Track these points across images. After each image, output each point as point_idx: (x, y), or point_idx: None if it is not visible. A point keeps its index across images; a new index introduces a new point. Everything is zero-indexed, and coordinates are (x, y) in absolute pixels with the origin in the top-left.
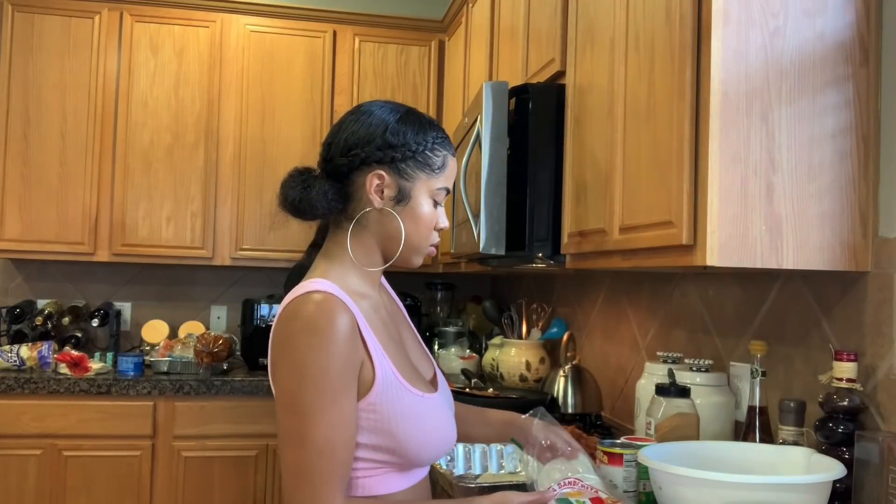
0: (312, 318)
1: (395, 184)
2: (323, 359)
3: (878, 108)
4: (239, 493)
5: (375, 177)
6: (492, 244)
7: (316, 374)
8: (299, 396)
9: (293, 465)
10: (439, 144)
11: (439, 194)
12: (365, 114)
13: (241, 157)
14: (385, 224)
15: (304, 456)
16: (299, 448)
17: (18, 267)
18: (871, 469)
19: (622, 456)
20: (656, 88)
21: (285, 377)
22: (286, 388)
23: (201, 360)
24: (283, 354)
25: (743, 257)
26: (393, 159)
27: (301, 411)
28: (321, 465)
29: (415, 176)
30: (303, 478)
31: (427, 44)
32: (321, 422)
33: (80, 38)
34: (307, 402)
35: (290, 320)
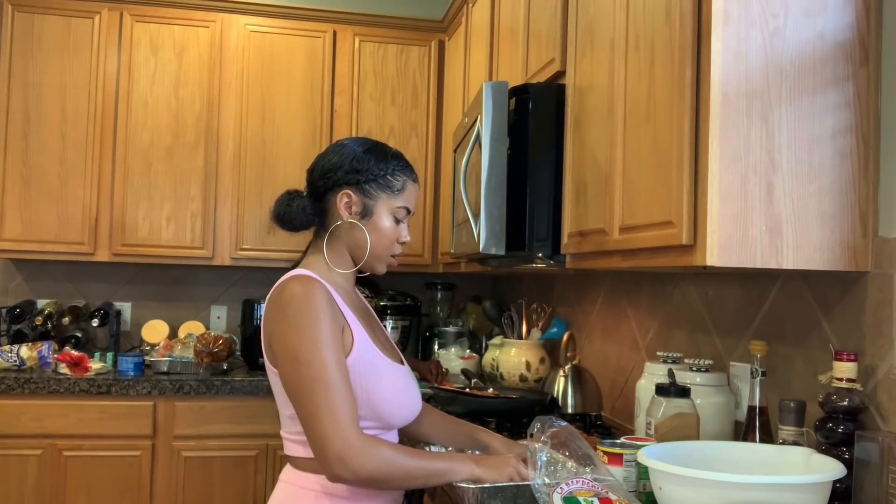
0: (298, 291)
1: (361, 201)
2: (313, 316)
3: (878, 108)
4: (239, 493)
5: (344, 195)
6: (492, 244)
7: (310, 328)
8: (301, 348)
9: (311, 406)
10: (399, 171)
11: (399, 212)
12: (340, 146)
13: (241, 158)
14: (353, 235)
15: (319, 395)
16: (311, 390)
17: (18, 267)
18: (871, 469)
19: (622, 456)
20: (656, 88)
21: (285, 337)
22: (287, 345)
23: (201, 360)
24: (279, 322)
25: (743, 257)
26: (358, 181)
27: (306, 360)
28: (334, 401)
29: (377, 196)
30: (324, 412)
31: (427, 44)
32: (325, 365)
33: (80, 38)
34: (309, 350)
35: (278, 297)
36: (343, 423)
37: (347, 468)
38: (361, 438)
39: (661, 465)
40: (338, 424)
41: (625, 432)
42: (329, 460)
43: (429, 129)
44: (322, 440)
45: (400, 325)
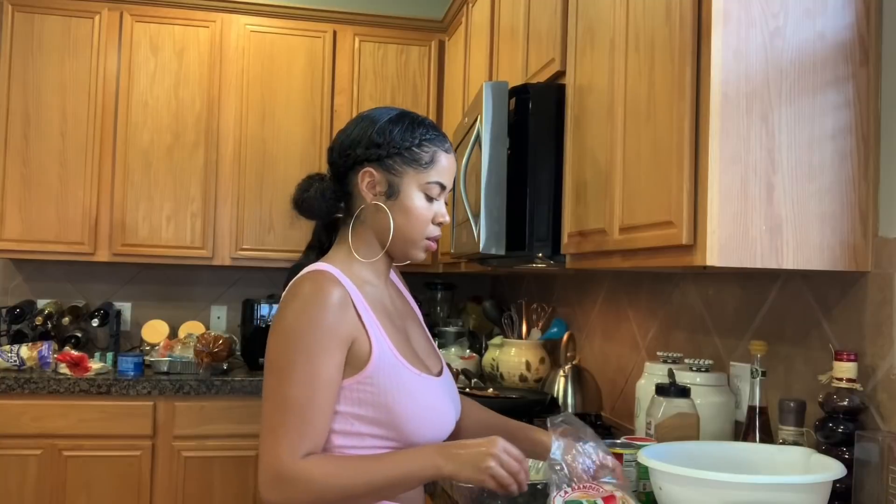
0: (304, 291)
1: (385, 180)
2: (304, 323)
3: (878, 108)
4: (239, 493)
5: (366, 174)
6: (492, 244)
7: (296, 337)
8: (279, 356)
9: (265, 419)
10: (428, 141)
11: (431, 188)
12: (361, 118)
13: (241, 157)
14: (379, 218)
15: (274, 410)
16: (271, 403)
17: (18, 267)
18: (871, 469)
19: (622, 456)
20: (656, 88)
21: (272, 341)
22: (271, 349)
23: (201, 360)
24: (276, 322)
25: (743, 257)
26: (380, 157)
27: (277, 369)
28: (287, 421)
29: (402, 171)
30: (270, 431)
31: (427, 44)
32: (294, 380)
33: (80, 38)
34: (284, 360)
35: (287, 296)
36: (285, 448)
37: (272, 493)
38: (298, 464)
39: (661, 465)
40: (279, 449)
41: (625, 432)
42: (261, 481)
43: None
44: (260, 460)
45: None
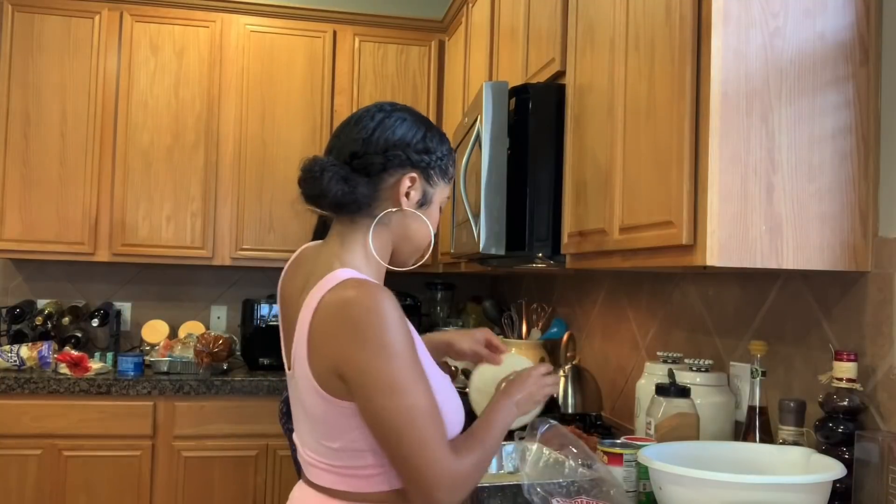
0: (370, 303)
1: (422, 188)
2: (400, 336)
3: (878, 108)
4: (239, 493)
5: (410, 179)
6: (492, 244)
7: (400, 351)
8: (394, 375)
9: (412, 438)
10: (452, 156)
11: (446, 202)
12: (398, 117)
13: (241, 158)
14: (405, 224)
15: (419, 426)
16: (412, 423)
17: (18, 267)
18: (871, 469)
19: (622, 456)
20: (656, 88)
21: (372, 363)
22: (375, 369)
23: (201, 360)
24: (359, 346)
25: (743, 257)
26: (427, 164)
27: (403, 388)
28: (434, 430)
29: (437, 183)
30: (424, 446)
31: (427, 44)
32: (421, 392)
33: (80, 38)
34: (406, 377)
35: (344, 311)
36: (444, 451)
37: (454, 494)
38: (457, 461)
39: (661, 465)
40: (442, 451)
41: (625, 432)
42: (439, 494)
43: None
44: (429, 476)
45: None
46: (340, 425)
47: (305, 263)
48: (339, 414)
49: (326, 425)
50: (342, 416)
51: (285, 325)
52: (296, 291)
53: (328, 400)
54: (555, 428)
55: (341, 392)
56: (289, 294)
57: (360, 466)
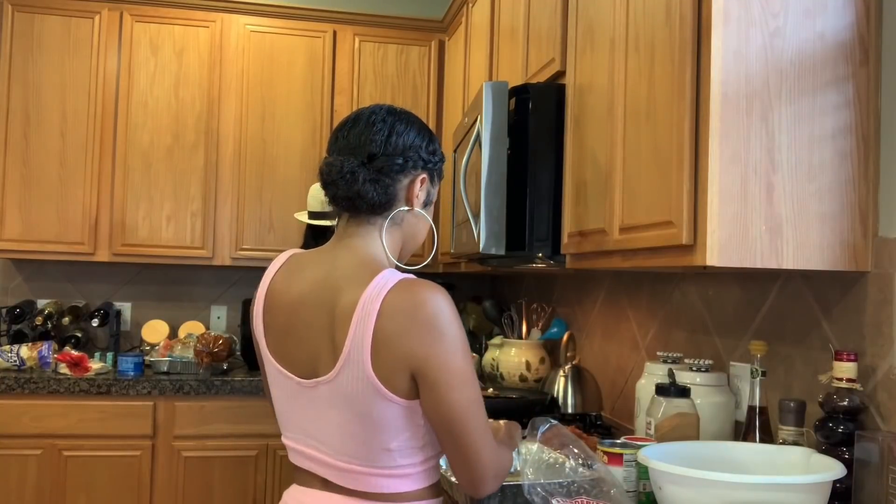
0: (442, 301)
1: (427, 189)
2: (462, 329)
3: (878, 108)
4: (239, 493)
5: (422, 181)
6: (492, 244)
7: (466, 344)
8: (468, 368)
9: (475, 428)
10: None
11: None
12: (406, 120)
13: (241, 158)
14: (413, 224)
15: (481, 416)
16: (478, 412)
17: (18, 267)
18: (871, 469)
19: (622, 456)
20: (656, 88)
21: (451, 359)
22: (454, 364)
23: (201, 360)
24: (438, 343)
25: (743, 257)
26: (434, 166)
27: (472, 381)
28: (486, 418)
29: (436, 184)
30: (485, 436)
31: (427, 44)
32: (478, 383)
33: (80, 38)
34: (471, 370)
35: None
36: (493, 441)
37: (498, 483)
38: (498, 452)
39: (661, 465)
40: (493, 443)
41: (625, 432)
42: (487, 481)
43: None
44: (482, 462)
45: None
46: (399, 425)
47: (311, 266)
48: (400, 414)
49: (385, 426)
50: (402, 416)
51: (292, 326)
52: (311, 294)
53: (392, 400)
54: (555, 428)
55: (406, 391)
56: (296, 296)
57: (410, 464)
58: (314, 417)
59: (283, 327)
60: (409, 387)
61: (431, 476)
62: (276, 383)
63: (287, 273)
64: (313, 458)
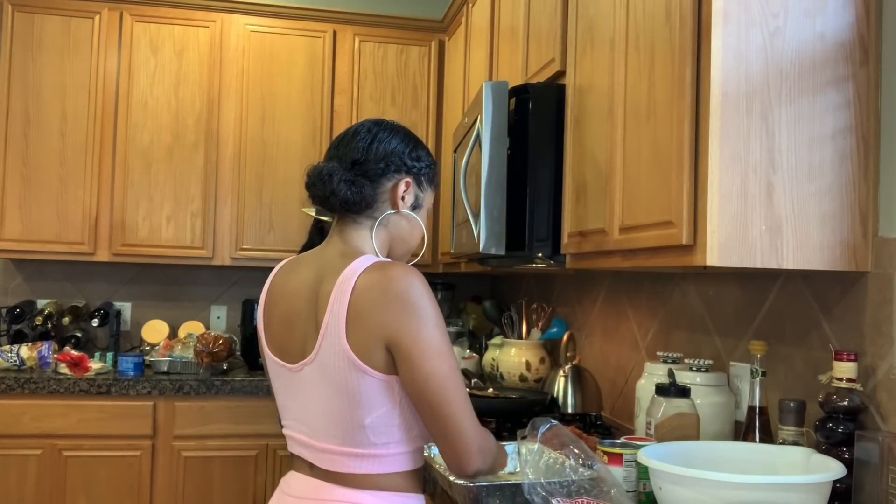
0: (413, 277)
1: (414, 192)
2: (436, 307)
3: (878, 108)
4: (239, 493)
5: (405, 184)
6: (492, 244)
7: (441, 319)
8: (443, 341)
9: (454, 401)
10: (437, 167)
11: (430, 209)
12: (392, 130)
13: (241, 158)
14: (400, 226)
15: (459, 389)
16: (456, 385)
17: (18, 267)
18: (871, 469)
19: (622, 456)
20: (656, 88)
21: (423, 331)
22: (427, 336)
23: (201, 360)
24: (410, 315)
25: (743, 257)
26: (418, 171)
27: (447, 353)
28: (466, 398)
29: (426, 189)
30: (465, 409)
31: (427, 44)
32: (455, 358)
33: (80, 38)
34: (447, 343)
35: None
36: (475, 417)
37: (485, 460)
38: (482, 430)
39: (661, 465)
40: (475, 418)
41: (625, 432)
42: (472, 455)
43: (429, 129)
44: (465, 435)
45: None
46: (374, 400)
47: (305, 264)
48: (377, 388)
49: (360, 400)
50: (379, 390)
51: (283, 319)
52: (301, 287)
53: (367, 373)
54: (555, 428)
55: (382, 365)
56: (290, 291)
57: (384, 444)
58: (303, 402)
59: (278, 321)
60: (385, 360)
61: (406, 463)
62: (274, 374)
63: (284, 273)
64: (302, 443)
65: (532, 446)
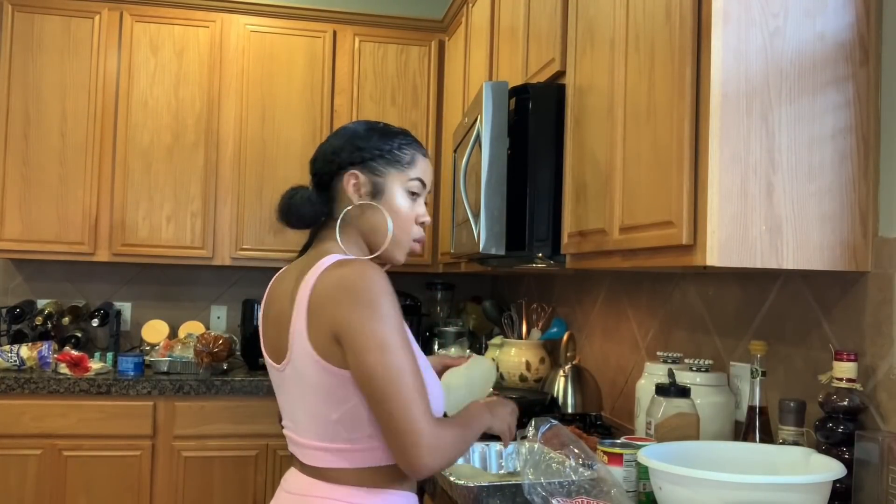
0: (368, 273)
1: (370, 181)
2: (389, 301)
3: (878, 108)
4: (239, 493)
5: (351, 176)
6: (492, 244)
7: (392, 313)
8: (389, 335)
9: (397, 395)
10: (406, 145)
11: (413, 184)
12: (340, 129)
13: (241, 158)
14: (368, 218)
15: (405, 385)
16: (400, 380)
17: (18, 267)
18: (871, 469)
19: (622, 456)
20: (656, 88)
21: (367, 323)
22: (369, 328)
23: (201, 360)
24: (354, 307)
25: (743, 257)
26: (363, 159)
27: (394, 347)
28: (418, 391)
29: (386, 172)
30: (409, 404)
31: (427, 44)
32: (407, 353)
33: (80, 38)
34: (396, 338)
35: (342, 280)
36: (428, 412)
37: (435, 457)
38: (438, 427)
39: (661, 465)
40: (426, 414)
41: (625, 432)
42: (420, 452)
43: (429, 129)
44: (412, 432)
45: None
46: (339, 395)
47: (292, 269)
48: (339, 383)
49: (326, 396)
50: (341, 386)
51: (273, 321)
52: (285, 290)
53: (327, 369)
54: (555, 428)
55: (338, 360)
56: (278, 295)
57: (356, 438)
58: (289, 400)
59: (269, 324)
60: (340, 355)
61: (381, 458)
62: (270, 376)
63: (279, 278)
64: (291, 440)
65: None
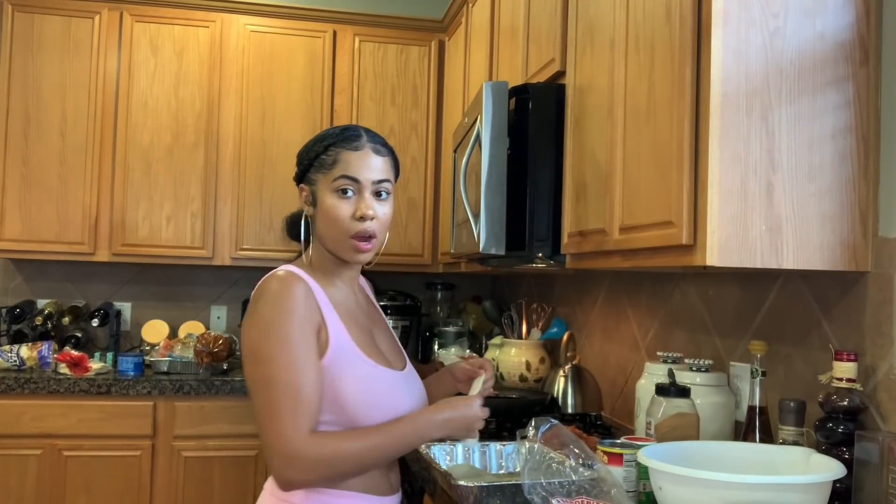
0: (274, 287)
1: (310, 191)
2: (283, 314)
3: (878, 108)
4: (239, 493)
5: (301, 190)
6: (492, 244)
7: (278, 327)
8: (263, 346)
9: (263, 407)
10: (332, 146)
11: (338, 183)
12: None
13: (241, 158)
14: (316, 225)
15: (272, 397)
16: (266, 391)
17: (18, 267)
18: (871, 469)
19: (622, 456)
20: (656, 88)
21: (250, 333)
22: (251, 340)
23: (201, 360)
24: (249, 318)
25: (743, 257)
26: (302, 173)
27: (267, 359)
28: (286, 404)
29: (316, 179)
30: (271, 416)
31: (427, 44)
32: (285, 366)
33: (80, 38)
34: (273, 349)
35: (255, 294)
36: (289, 427)
37: (298, 471)
38: (306, 441)
39: (661, 465)
40: (290, 431)
41: (625, 432)
42: (274, 466)
43: (429, 129)
44: (269, 446)
45: (400, 325)
46: None
47: None
48: None
49: None
50: None
51: None
52: None
53: None
54: (555, 428)
55: None
56: None
57: None
58: None
59: None
60: None
61: None
62: None
63: None
64: None
65: (532, 446)
